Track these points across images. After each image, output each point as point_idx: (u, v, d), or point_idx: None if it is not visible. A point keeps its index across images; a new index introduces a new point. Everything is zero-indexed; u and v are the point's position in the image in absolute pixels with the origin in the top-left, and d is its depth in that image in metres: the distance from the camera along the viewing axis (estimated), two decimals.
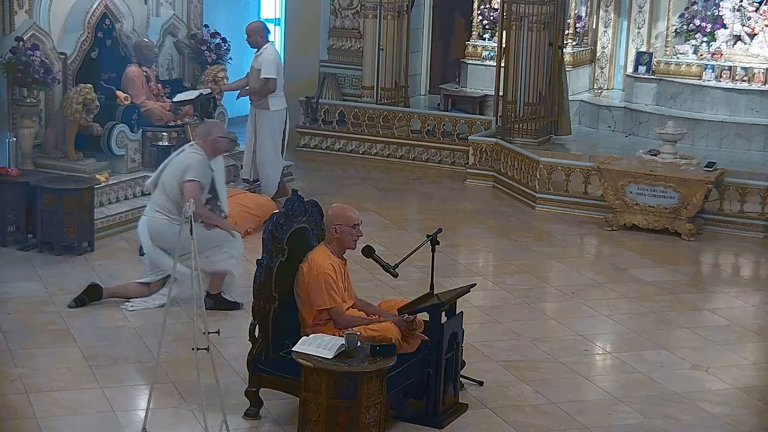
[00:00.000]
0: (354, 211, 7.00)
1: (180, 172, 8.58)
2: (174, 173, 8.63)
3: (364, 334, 6.66)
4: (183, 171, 8.57)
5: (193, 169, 8.57)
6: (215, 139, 8.75)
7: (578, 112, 15.20)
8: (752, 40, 14.86)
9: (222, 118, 12.52)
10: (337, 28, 15.33)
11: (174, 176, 8.62)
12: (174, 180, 8.61)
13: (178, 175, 8.58)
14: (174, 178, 8.61)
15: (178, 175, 8.58)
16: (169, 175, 8.65)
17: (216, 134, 8.79)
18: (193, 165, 8.59)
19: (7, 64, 10.47)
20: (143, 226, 8.78)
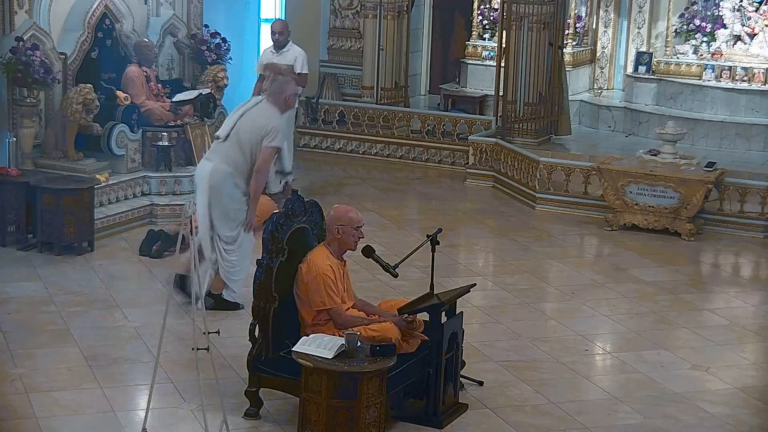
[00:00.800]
0: (357, 212, 7.01)
1: (260, 130, 8.41)
2: (254, 130, 8.44)
3: (364, 334, 6.66)
4: (264, 131, 8.40)
5: (277, 134, 8.48)
6: (287, 97, 8.69)
7: (578, 112, 15.20)
8: (752, 40, 14.86)
9: (222, 118, 12.52)
10: (337, 28, 15.34)
11: (254, 133, 8.43)
12: (254, 136, 8.42)
13: (259, 133, 8.41)
14: (254, 135, 8.42)
15: (258, 132, 8.41)
16: (248, 130, 8.46)
17: (289, 92, 8.72)
18: (277, 128, 8.49)
19: (7, 64, 10.47)
20: (205, 172, 8.49)
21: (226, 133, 8.50)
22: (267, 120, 8.45)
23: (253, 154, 8.41)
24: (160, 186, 11.32)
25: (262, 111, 8.53)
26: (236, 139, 8.46)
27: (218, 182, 8.42)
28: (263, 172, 8.46)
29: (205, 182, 8.47)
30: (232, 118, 8.64)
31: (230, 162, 8.44)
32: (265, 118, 8.46)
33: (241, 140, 8.44)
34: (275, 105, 8.57)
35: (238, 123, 8.51)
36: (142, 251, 10.07)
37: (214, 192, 8.43)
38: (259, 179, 8.45)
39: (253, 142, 8.41)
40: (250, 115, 8.52)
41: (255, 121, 8.46)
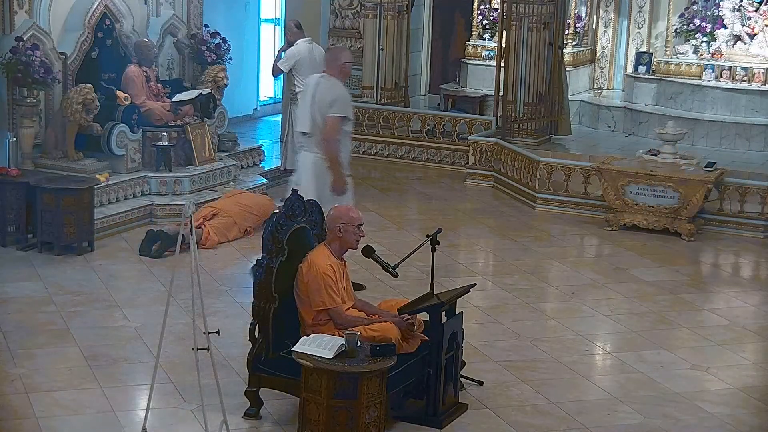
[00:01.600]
0: (357, 211, 7.02)
1: (327, 106, 8.83)
2: (323, 107, 8.85)
3: (364, 334, 6.66)
4: (330, 104, 8.82)
5: (339, 102, 8.86)
6: (343, 65, 9.04)
7: (578, 112, 15.21)
8: (752, 40, 14.87)
9: (222, 118, 12.53)
10: (337, 28, 15.34)
11: (323, 110, 8.84)
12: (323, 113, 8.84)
13: (326, 109, 8.83)
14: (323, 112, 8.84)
15: (326, 108, 8.83)
16: (321, 111, 8.85)
17: (344, 59, 9.08)
18: (339, 97, 8.90)
19: (7, 64, 10.47)
20: (310, 161, 8.94)
21: (309, 128, 8.94)
22: (329, 92, 8.87)
23: None
24: (160, 186, 11.32)
25: (324, 88, 8.92)
26: (316, 127, 8.90)
27: (322, 172, 8.91)
28: (331, 140, 8.84)
29: (310, 171, 8.95)
30: (305, 110, 9.03)
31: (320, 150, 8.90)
32: (328, 93, 8.88)
33: (319, 124, 8.88)
34: (333, 75, 8.99)
35: (312, 113, 8.90)
36: (142, 251, 10.07)
37: (320, 180, 8.92)
38: (330, 147, 8.85)
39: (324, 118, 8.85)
40: (318, 98, 8.91)
41: (322, 100, 8.88)
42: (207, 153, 11.88)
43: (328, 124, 8.82)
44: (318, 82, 9.02)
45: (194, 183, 11.51)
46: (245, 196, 11.27)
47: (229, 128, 12.84)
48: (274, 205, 10.84)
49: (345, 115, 8.93)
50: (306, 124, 8.99)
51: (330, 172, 8.91)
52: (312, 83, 9.08)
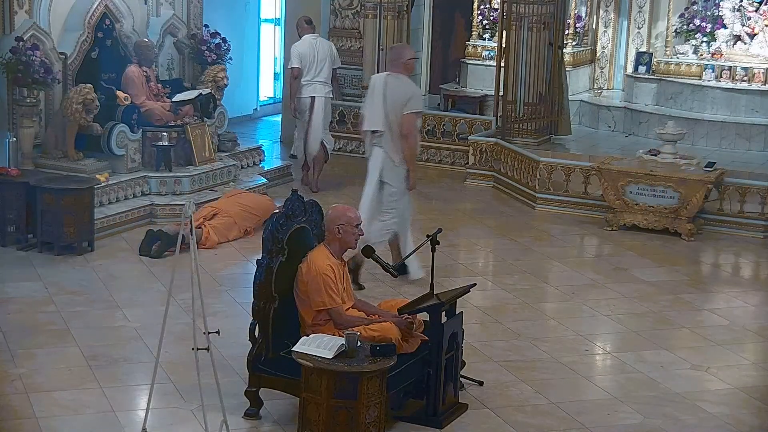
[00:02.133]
0: (354, 210, 7.03)
1: (402, 104, 9.17)
2: (396, 106, 9.18)
3: (364, 334, 6.66)
4: (405, 102, 9.16)
5: (413, 99, 9.27)
6: (407, 61, 9.34)
7: (578, 112, 15.20)
8: (752, 40, 14.86)
9: (222, 118, 12.53)
10: (337, 28, 15.33)
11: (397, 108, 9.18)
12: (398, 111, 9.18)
13: (401, 108, 9.17)
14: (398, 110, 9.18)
15: (400, 107, 9.17)
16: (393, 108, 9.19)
17: (408, 56, 9.40)
18: (413, 94, 9.31)
19: (7, 64, 10.47)
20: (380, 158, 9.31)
21: (381, 125, 9.27)
22: (402, 90, 9.22)
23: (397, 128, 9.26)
24: (160, 186, 11.32)
25: (395, 87, 9.24)
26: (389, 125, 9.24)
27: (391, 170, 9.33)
28: (411, 136, 9.26)
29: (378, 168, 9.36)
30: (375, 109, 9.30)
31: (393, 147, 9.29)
32: (401, 90, 9.21)
33: (391, 122, 9.23)
34: (399, 73, 9.30)
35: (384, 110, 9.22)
36: (142, 251, 10.07)
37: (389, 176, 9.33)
38: (410, 143, 9.28)
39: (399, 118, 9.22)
40: (391, 97, 9.22)
41: (396, 98, 9.19)
42: (207, 153, 11.88)
43: (406, 121, 9.19)
44: (386, 80, 9.33)
45: (194, 183, 11.51)
46: (245, 196, 11.27)
47: (229, 128, 12.85)
48: (274, 205, 10.85)
49: (420, 110, 9.44)
50: (377, 122, 9.28)
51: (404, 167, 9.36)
52: (379, 82, 9.38)
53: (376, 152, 9.41)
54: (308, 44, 12.75)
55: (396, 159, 9.33)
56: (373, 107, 9.34)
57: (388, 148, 9.32)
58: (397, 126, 9.23)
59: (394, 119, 9.22)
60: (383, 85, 9.29)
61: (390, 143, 9.31)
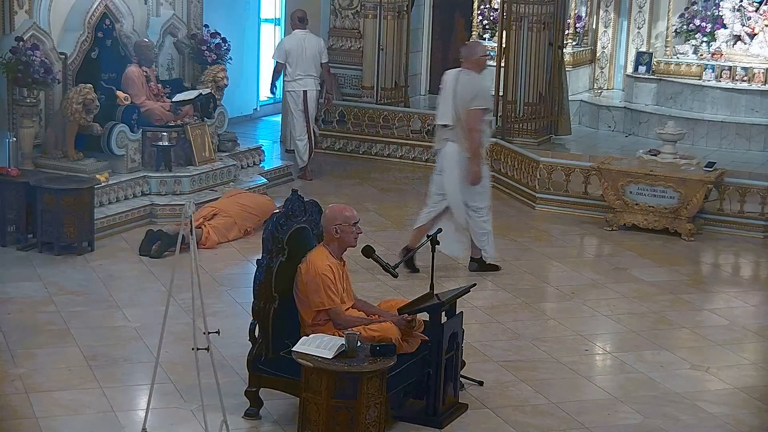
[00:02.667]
0: (351, 209, 7.00)
1: (468, 100, 9.46)
2: (464, 101, 9.48)
3: (364, 334, 6.66)
4: (471, 98, 9.45)
5: (480, 95, 9.56)
6: (479, 58, 9.70)
7: (578, 112, 15.20)
8: (752, 40, 14.86)
9: (222, 118, 12.54)
10: (337, 28, 15.32)
11: (464, 104, 9.48)
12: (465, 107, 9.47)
13: (467, 104, 9.47)
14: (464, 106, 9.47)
15: (467, 103, 9.47)
16: (463, 104, 9.47)
17: (479, 53, 9.77)
18: (480, 91, 9.59)
19: (7, 64, 10.47)
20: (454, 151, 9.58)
21: (451, 120, 9.56)
22: (469, 86, 9.51)
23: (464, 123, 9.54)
24: (160, 186, 11.32)
25: (464, 83, 9.56)
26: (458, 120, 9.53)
27: (464, 161, 9.57)
28: (474, 131, 9.50)
29: (453, 160, 9.60)
30: (446, 104, 9.61)
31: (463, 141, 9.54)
32: (468, 87, 9.51)
33: (461, 118, 9.51)
34: (471, 69, 9.62)
35: (454, 105, 9.53)
36: (142, 251, 10.07)
37: (462, 168, 9.59)
38: (474, 138, 9.51)
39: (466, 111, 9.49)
40: (458, 91, 9.52)
41: (464, 94, 9.49)
42: (207, 153, 11.88)
43: (471, 117, 9.46)
44: (457, 76, 9.65)
45: (194, 183, 11.52)
46: (245, 196, 11.27)
47: (229, 128, 12.85)
48: (274, 205, 10.85)
49: (486, 107, 9.65)
50: (447, 116, 9.61)
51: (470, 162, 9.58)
52: (450, 78, 9.70)
53: (449, 147, 9.71)
54: (297, 40, 13.08)
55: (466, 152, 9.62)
56: (444, 102, 9.70)
57: (459, 141, 9.63)
58: (464, 121, 9.55)
59: (463, 114, 9.53)
60: (454, 81, 9.63)
61: (460, 137, 9.63)
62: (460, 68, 9.76)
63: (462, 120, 9.54)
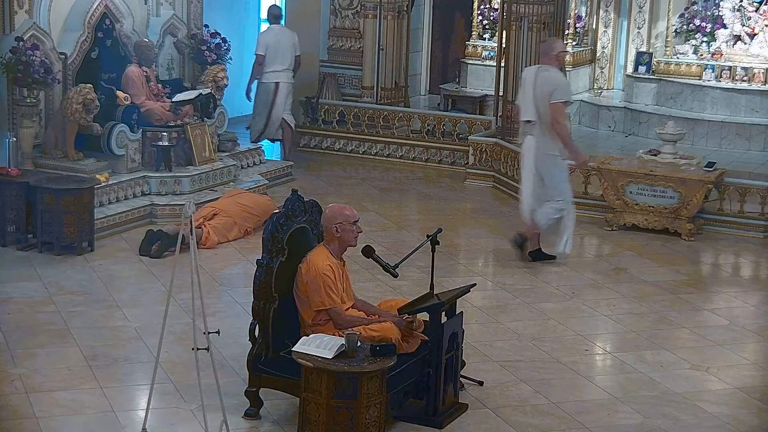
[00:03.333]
0: (350, 209, 7.00)
1: (548, 94, 9.83)
2: (544, 97, 9.86)
3: (364, 334, 6.66)
4: (551, 93, 9.82)
5: (560, 89, 9.92)
6: (558, 54, 10.11)
7: (578, 112, 15.21)
8: (752, 40, 14.87)
9: (222, 118, 12.54)
10: (337, 28, 15.33)
11: (545, 99, 9.86)
12: (545, 102, 9.86)
13: (548, 98, 9.84)
14: (545, 100, 9.85)
15: (548, 97, 9.84)
16: (541, 99, 9.87)
17: (558, 49, 10.18)
18: (559, 85, 9.94)
19: (7, 64, 10.47)
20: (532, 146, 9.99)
21: (533, 116, 9.95)
22: (549, 82, 9.89)
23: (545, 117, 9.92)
24: (160, 186, 11.32)
25: (543, 78, 9.93)
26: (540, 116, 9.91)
27: (543, 155, 9.99)
28: (557, 124, 9.89)
29: (531, 154, 10.04)
30: (527, 100, 9.99)
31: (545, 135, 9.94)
32: (548, 82, 9.88)
33: (542, 113, 9.89)
34: (549, 65, 10.01)
35: (534, 101, 9.90)
36: (142, 251, 10.07)
37: (541, 161, 10.01)
38: (558, 131, 9.92)
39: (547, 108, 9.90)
40: (538, 88, 9.90)
41: (543, 90, 9.88)
42: (207, 153, 11.88)
43: (552, 111, 9.86)
44: (536, 73, 10.05)
45: (194, 183, 11.52)
46: (245, 196, 11.27)
47: (229, 128, 12.86)
48: (274, 205, 10.84)
49: (567, 100, 10.03)
50: (530, 112, 9.99)
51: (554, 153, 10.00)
52: (530, 75, 10.11)
53: (528, 140, 10.10)
54: (274, 34, 13.53)
55: (545, 146, 9.97)
56: (524, 99, 10.07)
57: (539, 136, 9.99)
58: (545, 116, 9.89)
59: (543, 109, 9.89)
60: (533, 78, 10.01)
61: (540, 132, 9.98)
62: (539, 65, 10.20)
63: (543, 115, 9.90)
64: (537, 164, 10.06)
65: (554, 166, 10.12)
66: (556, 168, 10.14)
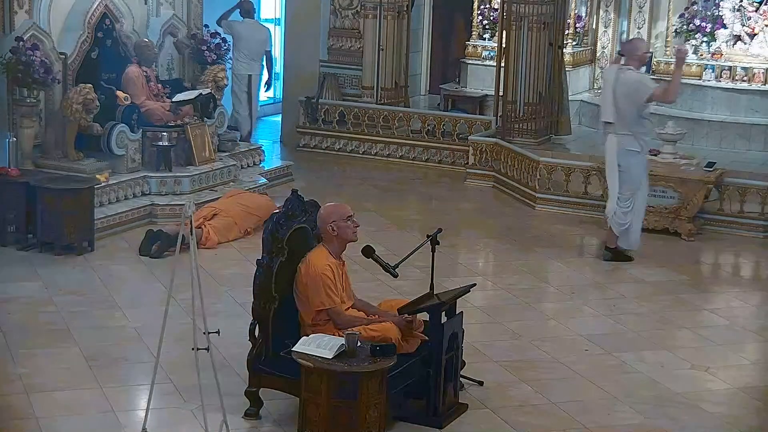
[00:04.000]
0: (343, 206, 7.00)
1: (630, 94, 10.03)
2: (628, 97, 10.05)
3: (364, 334, 6.66)
4: (634, 92, 10.01)
5: (642, 84, 10.09)
6: (642, 55, 10.36)
7: (578, 112, 15.20)
8: (752, 40, 14.86)
9: (222, 118, 12.54)
10: (337, 28, 15.33)
11: (629, 102, 10.04)
12: (629, 106, 10.05)
13: (632, 98, 10.02)
14: (628, 102, 10.03)
15: (631, 97, 10.02)
16: (624, 99, 10.06)
17: (642, 50, 10.44)
18: (641, 81, 10.13)
19: (7, 64, 10.47)
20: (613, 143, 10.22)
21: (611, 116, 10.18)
22: (630, 81, 10.07)
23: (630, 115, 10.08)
24: (160, 186, 11.32)
25: (624, 78, 10.10)
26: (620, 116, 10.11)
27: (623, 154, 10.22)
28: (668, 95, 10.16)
29: (614, 153, 10.27)
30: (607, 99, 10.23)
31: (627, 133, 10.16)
32: (628, 82, 10.06)
33: (622, 111, 10.09)
34: (632, 65, 10.17)
35: (614, 101, 10.10)
36: (142, 251, 10.07)
37: (622, 160, 10.23)
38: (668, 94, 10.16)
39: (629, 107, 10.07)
40: (620, 89, 10.09)
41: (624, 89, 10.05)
42: (207, 153, 11.89)
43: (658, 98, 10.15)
44: (617, 74, 10.21)
45: (194, 183, 11.52)
46: (245, 197, 11.27)
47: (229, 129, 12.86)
48: (274, 206, 10.84)
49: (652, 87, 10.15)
50: (609, 114, 10.20)
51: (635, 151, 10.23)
52: (611, 75, 10.32)
53: (610, 139, 10.31)
54: (248, 28, 13.96)
55: (626, 143, 10.17)
56: (604, 99, 10.33)
57: (620, 135, 10.18)
58: (626, 115, 10.08)
59: (624, 109, 10.07)
60: (614, 78, 10.19)
61: (620, 130, 10.17)
62: (620, 65, 10.32)
63: (623, 115, 10.09)
64: (619, 161, 10.28)
65: (635, 161, 10.29)
66: (636, 163, 10.31)
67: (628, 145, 10.20)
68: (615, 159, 10.29)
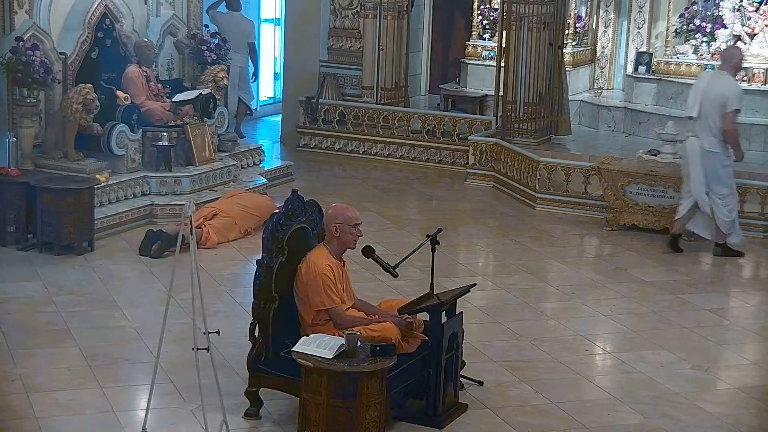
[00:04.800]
0: (354, 210, 7.00)
1: (720, 99, 10.35)
2: (716, 103, 10.38)
3: (364, 334, 6.66)
4: (722, 98, 10.35)
5: (733, 97, 10.43)
6: (737, 62, 10.70)
7: (578, 112, 15.20)
8: (752, 40, 14.85)
9: (222, 118, 12.54)
10: (337, 28, 15.33)
11: (715, 105, 10.37)
12: (715, 109, 10.37)
13: (719, 102, 10.34)
14: (714, 104, 10.36)
15: (719, 101, 10.34)
16: (711, 104, 10.39)
17: (738, 58, 10.76)
18: (732, 93, 10.44)
19: (7, 64, 10.47)
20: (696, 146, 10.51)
21: (697, 112, 10.48)
22: (721, 89, 10.44)
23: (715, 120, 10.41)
24: (160, 186, 11.32)
25: (716, 84, 10.49)
26: (703, 113, 10.42)
27: (709, 155, 10.50)
28: (729, 132, 10.47)
29: (698, 155, 10.55)
30: (695, 97, 10.54)
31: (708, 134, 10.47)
32: (722, 87, 10.44)
33: (707, 112, 10.40)
34: (727, 71, 10.58)
35: (702, 100, 10.44)
36: (142, 251, 10.07)
37: (708, 161, 10.53)
38: (729, 137, 10.50)
39: (714, 110, 10.38)
40: (710, 92, 10.43)
41: (716, 94, 10.40)
42: (207, 153, 11.89)
43: (727, 119, 10.39)
44: (712, 77, 10.70)
45: (194, 183, 11.52)
46: (245, 197, 11.27)
47: (229, 128, 12.86)
48: (274, 206, 10.84)
49: (737, 108, 10.48)
50: (694, 110, 10.51)
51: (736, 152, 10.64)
52: (706, 77, 10.84)
53: (691, 141, 10.64)
54: (232, 21, 14.33)
55: (709, 144, 10.47)
56: (694, 96, 10.60)
57: (702, 135, 10.51)
58: (710, 119, 10.40)
59: (709, 112, 10.40)
60: (708, 81, 10.61)
61: (702, 130, 10.49)
62: (716, 70, 10.85)
63: (708, 115, 10.38)
64: (703, 162, 10.54)
65: (718, 162, 10.56)
66: (720, 165, 10.57)
67: (711, 146, 10.49)
68: (699, 160, 10.55)
